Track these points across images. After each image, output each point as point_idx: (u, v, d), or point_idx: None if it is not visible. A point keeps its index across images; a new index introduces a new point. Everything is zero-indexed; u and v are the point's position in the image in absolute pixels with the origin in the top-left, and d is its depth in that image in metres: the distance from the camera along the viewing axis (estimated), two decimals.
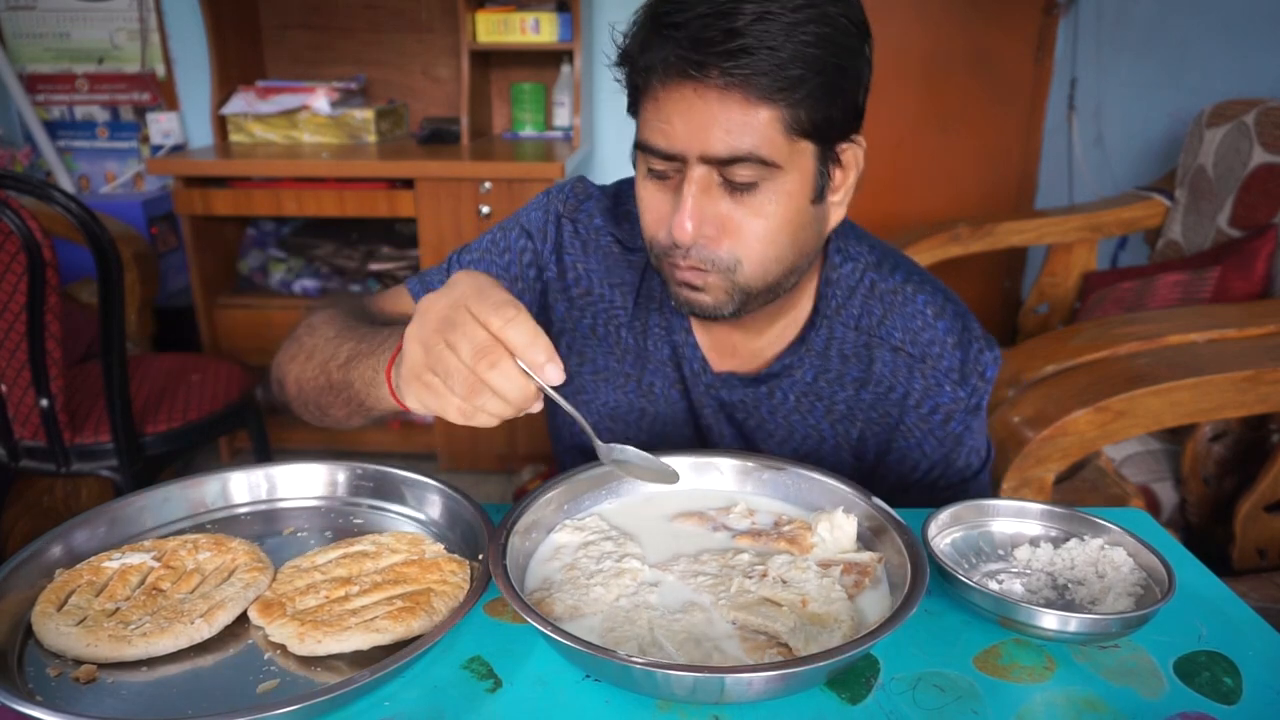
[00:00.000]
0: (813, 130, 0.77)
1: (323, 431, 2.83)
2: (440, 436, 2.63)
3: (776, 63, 0.72)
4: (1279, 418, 1.54)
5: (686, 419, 1.00)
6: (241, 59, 2.82)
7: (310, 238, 2.82)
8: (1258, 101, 2.05)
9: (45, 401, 1.66)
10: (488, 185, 2.40)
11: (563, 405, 0.68)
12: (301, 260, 2.79)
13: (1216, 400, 1.37)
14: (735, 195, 0.78)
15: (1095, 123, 2.87)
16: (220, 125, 2.74)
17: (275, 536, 0.82)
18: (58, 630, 0.65)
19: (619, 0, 2.77)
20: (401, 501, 0.85)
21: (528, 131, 2.88)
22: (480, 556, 0.73)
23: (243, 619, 0.70)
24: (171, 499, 0.82)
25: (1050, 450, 1.36)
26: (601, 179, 1.05)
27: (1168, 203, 2.28)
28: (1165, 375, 1.37)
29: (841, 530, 0.77)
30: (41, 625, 0.66)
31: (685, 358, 0.97)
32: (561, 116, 2.87)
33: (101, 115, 2.98)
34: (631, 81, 0.81)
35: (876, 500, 0.78)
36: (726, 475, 0.87)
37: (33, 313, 1.56)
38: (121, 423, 1.72)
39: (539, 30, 2.64)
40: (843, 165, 0.83)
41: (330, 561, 0.74)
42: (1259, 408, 1.39)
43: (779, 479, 0.85)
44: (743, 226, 0.79)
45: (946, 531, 0.79)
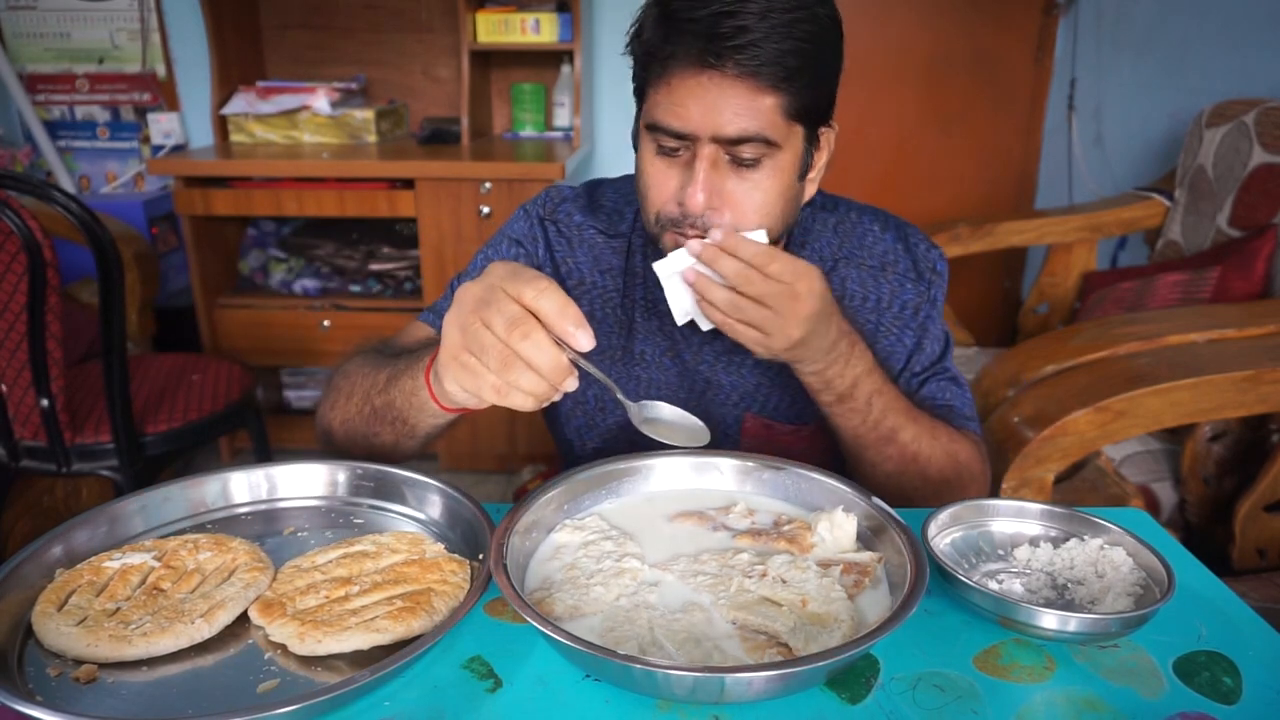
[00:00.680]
0: (804, 115, 0.87)
1: None
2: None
3: (779, 55, 0.81)
4: (1279, 418, 1.54)
5: (680, 381, 1.06)
6: (242, 59, 2.82)
7: (310, 238, 2.82)
8: (1258, 101, 2.05)
9: (46, 401, 1.66)
10: (488, 185, 2.41)
11: (593, 372, 0.72)
12: (302, 260, 2.79)
13: (1216, 400, 1.37)
14: (739, 171, 0.87)
15: (1095, 123, 2.87)
16: (221, 125, 2.74)
17: (275, 536, 0.82)
18: (58, 630, 0.65)
19: (619, 0, 2.78)
20: (402, 501, 0.85)
21: (528, 132, 2.88)
22: (480, 556, 0.73)
23: (243, 619, 0.70)
24: (172, 499, 0.82)
25: (1050, 450, 1.36)
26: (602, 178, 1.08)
27: (1167, 203, 2.28)
28: (1165, 375, 1.37)
29: (841, 530, 0.77)
30: (42, 625, 0.66)
31: (673, 323, 1.02)
32: (561, 117, 2.87)
33: (102, 115, 2.98)
34: (643, 68, 0.89)
35: (876, 500, 0.78)
36: (726, 475, 0.87)
37: (33, 313, 1.57)
38: (122, 423, 1.73)
39: (539, 30, 2.64)
40: (820, 147, 0.93)
41: (330, 561, 0.74)
42: (1259, 408, 1.39)
43: (779, 479, 0.85)
44: (743, 199, 0.88)
45: (946, 531, 0.79)
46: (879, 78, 3.06)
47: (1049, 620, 0.66)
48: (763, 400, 1.05)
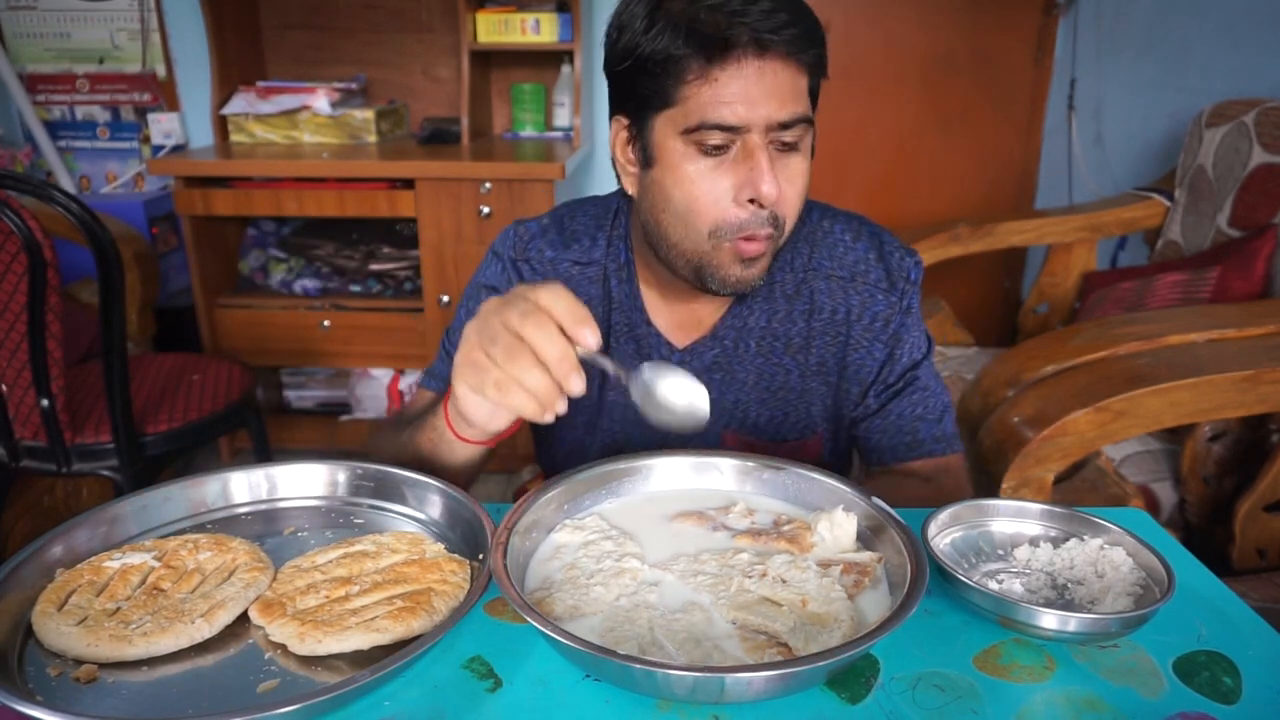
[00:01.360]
0: (815, 95, 0.90)
1: (323, 431, 2.83)
2: None
3: (808, 37, 0.84)
4: (1279, 418, 1.54)
5: None
6: (242, 59, 2.82)
7: (311, 238, 2.82)
8: (1257, 101, 2.05)
9: (46, 401, 1.66)
10: (488, 185, 2.41)
11: (597, 361, 0.73)
12: (302, 260, 2.79)
13: (1216, 400, 1.37)
14: (781, 157, 0.87)
15: (1095, 123, 2.87)
16: (221, 125, 2.74)
17: (275, 536, 0.82)
18: (58, 630, 0.65)
19: (619, 1, 2.77)
20: (402, 501, 0.85)
21: (528, 132, 2.88)
22: (480, 556, 0.73)
23: (243, 619, 0.70)
24: (172, 499, 0.82)
25: (1050, 450, 1.36)
26: (601, 179, 1.08)
27: (1167, 203, 2.28)
28: (1165, 375, 1.36)
29: (841, 530, 0.77)
30: (42, 625, 0.66)
31: (651, 345, 1.05)
32: (561, 117, 2.87)
33: (102, 115, 2.98)
34: (659, 75, 0.85)
35: (876, 500, 0.78)
36: (726, 475, 0.87)
37: (33, 313, 1.57)
38: (122, 423, 1.73)
39: (539, 30, 2.64)
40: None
41: (330, 561, 0.74)
42: (1259, 408, 1.39)
43: (779, 479, 0.85)
44: (788, 186, 0.88)
45: (946, 531, 0.79)
46: (879, 78, 3.06)
47: (1049, 620, 0.66)
48: (741, 417, 1.05)
